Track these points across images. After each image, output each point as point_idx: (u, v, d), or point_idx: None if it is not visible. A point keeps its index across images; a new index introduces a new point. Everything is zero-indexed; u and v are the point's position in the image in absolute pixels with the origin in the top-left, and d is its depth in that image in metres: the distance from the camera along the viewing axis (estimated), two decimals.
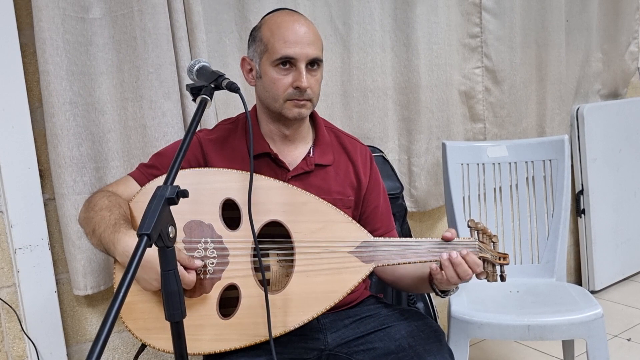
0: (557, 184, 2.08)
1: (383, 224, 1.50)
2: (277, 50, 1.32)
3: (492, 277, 1.31)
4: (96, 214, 1.28)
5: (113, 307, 0.78)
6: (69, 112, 1.53)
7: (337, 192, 1.43)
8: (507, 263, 1.33)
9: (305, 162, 1.42)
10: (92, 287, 1.61)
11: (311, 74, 1.34)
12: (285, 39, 1.32)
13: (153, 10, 1.59)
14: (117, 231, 1.22)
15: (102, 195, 1.33)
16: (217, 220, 1.27)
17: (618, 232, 2.99)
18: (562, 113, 2.75)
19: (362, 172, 1.48)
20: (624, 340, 2.45)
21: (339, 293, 1.24)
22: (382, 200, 1.52)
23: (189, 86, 1.24)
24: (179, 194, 0.94)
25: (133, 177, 1.40)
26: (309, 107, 1.36)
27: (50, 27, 1.48)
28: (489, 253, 1.31)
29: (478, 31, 2.40)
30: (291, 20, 1.35)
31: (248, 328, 1.23)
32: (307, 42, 1.33)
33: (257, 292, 1.24)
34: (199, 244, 1.26)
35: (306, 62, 1.33)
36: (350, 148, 1.50)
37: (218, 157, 1.40)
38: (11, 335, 1.58)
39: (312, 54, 1.33)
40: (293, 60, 1.32)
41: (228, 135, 1.44)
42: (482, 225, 1.33)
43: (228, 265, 1.26)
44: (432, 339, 1.31)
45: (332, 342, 1.37)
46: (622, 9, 2.98)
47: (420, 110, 2.21)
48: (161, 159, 1.42)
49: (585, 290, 1.88)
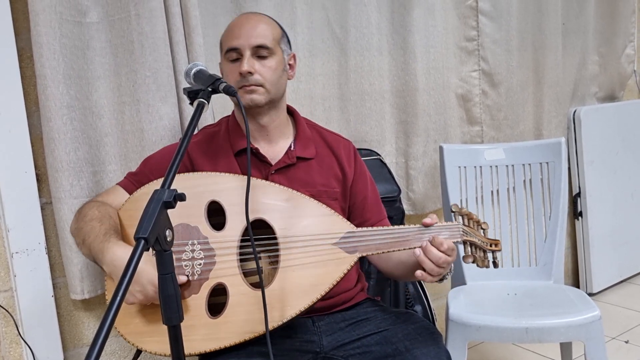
0: (555, 186, 2.09)
1: (373, 214, 1.52)
2: (225, 45, 1.43)
3: (481, 262, 1.31)
4: (86, 224, 1.31)
5: (110, 311, 0.78)
6: (66, 116, 1.53)
7: (321, 184, 1.45)
8: (499, 249, 1.33)
9: (287, 155, 1.45)
10: (89, 291, 1.60)
11: (260, 62, 1.39)
12: (232, 33, 1.42)
13: (150, 14, 1.59)
14: (107, 241, 1.24)
15: (92, 205, 1.37)
16: (203, 222, 1.30)
17: (615, 235, 3.00)
18: (559, 116, 2.75)
19: (347, 164, 1.50)
20: (622, 342, 2.45)
21: (325, 285, 1.26)
22: (370, 190, 1.54)
23: (186, 90, 1.24)
24: (177, 198, 0.95)
25: (122, 186, 1.44)
26: (261, 93, 1.40)
27: (47, 31, 1.48)
28: (477, 238, 1.31)
29: (475, 34, 2.40)
30: (241, 18, 1.45)
31: (238, 326, 1.24)
32: (251, 31, 1.40)
33: (244, 290, 1.26)
34: (186, 246, 1.28)
35: (251, 50, 1.38)
36: (333, 143, 1.53)
37: (203, 158, 1.44)
38: (8, 339, 1.57)
39: (255, 42, 1.39)
40: (239, 51, 1.39)
41: (212, 137, 1.48)
42: (467, 211, 1.33)
43: (215, 265, 1.28)
44: (429, 342, 1.31)
45: (327, 345, 1.37)
46: (618, 12, 2.99)
47: (418, 113, 2.21)
48: (148, 165, 1.46)
49: (582, 293, 1.89)
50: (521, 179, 2.13)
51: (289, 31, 1.94)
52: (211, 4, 1.82)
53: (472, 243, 1.30)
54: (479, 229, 1.34)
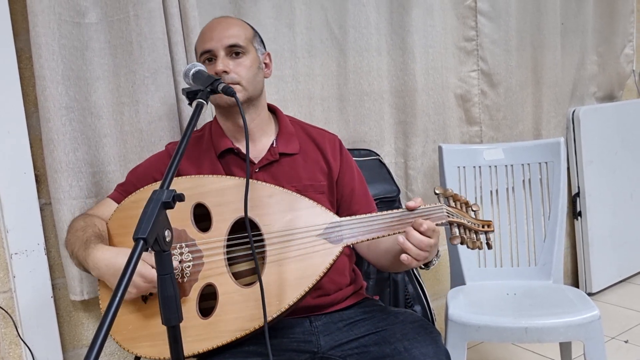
0: (554, 186, 2.09)
1: (362, 207, 1.51)
2: (199, 49, 1.45)
3: (472, 243, 1.28)
4: (73, 235, 1.35)
5: (109, 312, 0.78)
6: (65, 116, 1.53)
7: (307, 179, 1.46)
8: (491, 230, 1.30)
9: (269, 152, 1.45)
10: (89, 292, 1.61)
11: (234, 61, 1.40)
12: (204, 37, 1.44)
13: (149, 15, 1.59)
14: (88, 247, 1.27)
15: (80, 218, 1.41)
16: (190, 225, 1.31)
17: (615, 234, 3.00)
18: (558, 116, 2.76)
19: (332, 157, 1.50)
20: (622, 342, 2.45)
21: (312, 277, 1.26)
22: (358, 182, 1.54)
23: (185, 90, 1.24)
24: (175, 198, 0.95)
25: (112, 198, 1.47)
26: (239, 91, 1.39)
27: (46, 32, 1.48)
28: (466, 219, 1.29)
29: (474, 34, 2.40)
30: (212, 22, 1.46)
31: (229, 324, 1.24)
32: (223, 32, 1.41)
33: (233, 288, 1.26)
34: (174, 249, 1.29)
35: (225, 50, 1.40)
36: (317, 137, 1.53)
37: (188, 163, 1.45)
38: (7, 340, 1.57)
39: (228, 42, 1.40)
40: (213, 52, 1.40)
41: (196, 142, 1.49)
42: (452, 192, 1.31)
43: (203, 266, 1.29)
44: (428, 342, 1.31)
45: (325, 345, 1.37)
46: (617, 12, 2.99)
47: (417, 113, 2.21)
48: (135, 174, 1.48)
49: (582, 293, 1.89)
50: (520, 179, 2.13)
51: (287, 32, 1.95)
52: (210, 4, 1.82)
53: (459, 224, 1.28)
54: (468, 210, 1.31)
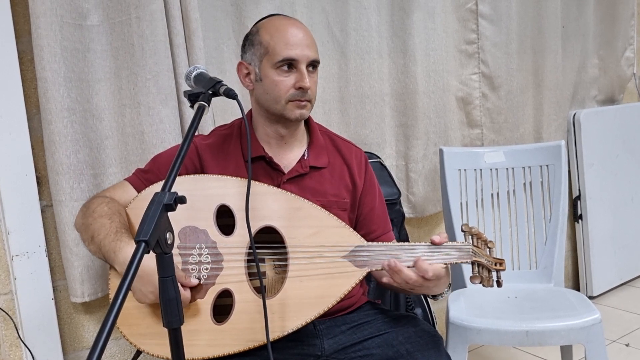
0: (555, 189, 2.09)
1: (379, 226, 1.50)
2: (278, 52, 1.34)
3: (487, 282, 1.31)
4: (95, 220, 1.28)
5: (111, 314, 0.77)
6: (67, 118, 1.53)
7: (332, 195, 1.43)
8: (503, 269, 1.33)
9: (300, 164, 1.43)
10: (90, 294, 1.60)
11: (310, 76, 1.37)
12: (286, 41, 1.34)
13: (151, 17, 1.59)
14: (119, 240, 1.22)
15: (100, 201, 1.33)
16: (212, 226, 1.28)
17: (616, 238, 3.00)
18: (559, 119, 2.76)
19: (357, 174, 1.49)
20: (623, 345, 2.44)
21: (332, 298, 1.25)
22: (378, 202, 1.53)
23: (187, 93, 1.24)
24: (177, 200, 0.94)
25: (130, 182, 1.40)
26: (309, 108, 1.39)
27: (48, 34, 1.48)
28: (484, 258, 1.31)
29: (475, 37, 2.40)
30: (289, 24, 1.38)
31: (242, 333, 1.23)
32: (307, 44, 1.36)
33: (251, 298, 1.24)
34: (193, 249, 1.27)
35: (306, 64, 1.35)
36: (345, 151, 1.51)
37: (213, 162, 1.41)
38: (8, 342, 1.57)
39: (312, 56, 1.37)
40: (294, 62, 1.35)
41: (223, 140, 1.45)
42: (477, 230, 1.33)
43: (222, 270, 1.26)
44: (430, 345, 1.31)
45: (328, 348, 1.37)
46: (618, 15, 2.99)
47: (418, 116, 2.21)
48: (157, 164, 1.43)
49: (583, 296, 1.88)
50: (521, 181, 2.13)
51: None
52: (211, 6, 1.82)
53: (479, 263, 1.30)
54: (485, 248, 1.33)
